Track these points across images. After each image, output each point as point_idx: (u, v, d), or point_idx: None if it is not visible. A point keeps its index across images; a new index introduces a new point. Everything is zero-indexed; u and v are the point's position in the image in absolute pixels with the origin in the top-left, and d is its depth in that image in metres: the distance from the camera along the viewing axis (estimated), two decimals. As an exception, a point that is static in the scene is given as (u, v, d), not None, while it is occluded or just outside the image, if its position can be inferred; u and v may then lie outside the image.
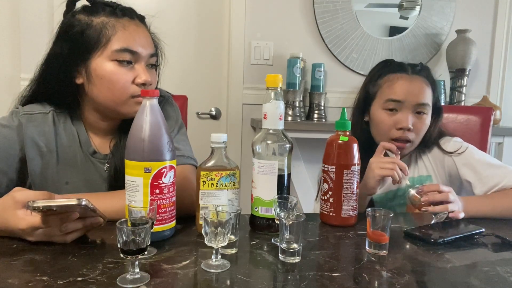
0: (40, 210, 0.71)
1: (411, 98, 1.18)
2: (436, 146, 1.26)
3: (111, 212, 0.84)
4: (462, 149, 1.21)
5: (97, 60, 0.95)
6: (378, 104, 1.23)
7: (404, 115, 1.18)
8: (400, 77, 1.21)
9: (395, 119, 1.19)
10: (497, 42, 2.47)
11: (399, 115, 1.19)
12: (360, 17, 2.37)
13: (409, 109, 1.19)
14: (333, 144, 0.96)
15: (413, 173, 1.27)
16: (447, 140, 1.26)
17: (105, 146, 1.06)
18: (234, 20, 2.28)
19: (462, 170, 1.20)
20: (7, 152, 0.97)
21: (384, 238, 0.78)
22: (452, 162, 1.22)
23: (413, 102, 1.18)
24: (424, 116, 1.20)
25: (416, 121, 1.19)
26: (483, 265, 0.76)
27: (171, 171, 0.79)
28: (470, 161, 1.19)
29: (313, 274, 0.68)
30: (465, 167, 1.19)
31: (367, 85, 1.28)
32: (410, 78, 1.21)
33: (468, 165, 1.19)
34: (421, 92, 1.19)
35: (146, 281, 0.63)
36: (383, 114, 1.21)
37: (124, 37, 0.95)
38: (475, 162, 1.18)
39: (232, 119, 2.35)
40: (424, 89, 1.20)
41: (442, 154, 1.24)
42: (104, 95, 0.96)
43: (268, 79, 0.87)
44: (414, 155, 1.29)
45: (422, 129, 1.21)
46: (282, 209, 0.82)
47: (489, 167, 1.16)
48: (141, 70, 0.97)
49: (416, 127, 1.19)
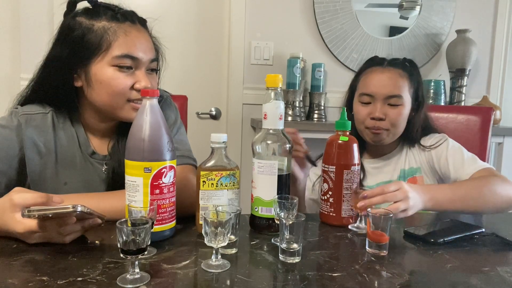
0: (36, 217, 0.71)
1: (380, 90, 1.23)
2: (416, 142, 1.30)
3: (111, 212, 0.84)
4: (439, 143, 1.26)
5: (97, 65, 0.94)
6: (356, 97, 1.30)
7: (375, 107, 1.24)
8: (374, 71, 1.27)
9: (368, 109, 1.25)
10: (497, 42, 2.46)
11: (371, 106, 1.25)
12: (360, 17, 2.37)
13: (380, 101, 1.23)
14: (333, 144, 0.96)
15: (404, 165, 1.30)
16: (431, 137, 1.30)
17: (104, 147, 1.06)
18: (234, 20, 2.28)
19: (439, 163, 1.24)
20: (7, 153, 0.97)
21: (384, 238, 0.78)
22: (431, 157, 1.27)
23: (383, 95, 1.23)
24: (399, 107, 1.23)
25: (390, 111, 1.23)
26: (483, 265, 0.76)
27: (171, 171, 0.79)
28: (444, 154, 1.23)
29: (313, 274, 0.68)
30: (441, 160, 1.23)
31: (353, 81, 1.35)
32: (383, 70, 1.26)
33: (443, 158, 1.23)
34: (392, 84, 1.23)
35: (146, 281, 0.63)
36: (359, 106, 1.28)
37: (125, 43, 0.94)
38: (449, 155, 1.22)
39: (232, 119, 2.34)
40: (395, 81, 1.24)
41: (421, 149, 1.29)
42: (102, 99, 0.96)
43: (268, 79, 0.87)
44: (405, 149, 1.32)
45: (397, 119, 1.23)
46: (282, 209, 0.82)
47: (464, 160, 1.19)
48: (141, 76, 0.96)
49: (390, 117, 1.23)
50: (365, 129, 1.26)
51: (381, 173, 1.31)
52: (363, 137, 1.29)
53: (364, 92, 1.26)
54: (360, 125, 1.28)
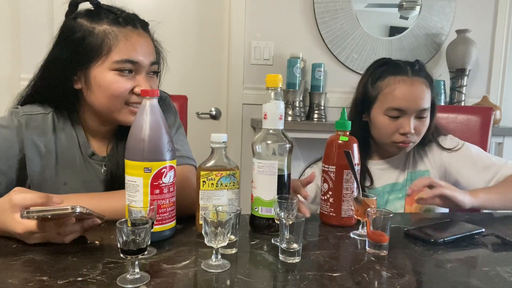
0: (35, 218, 0.71)
1: (413, 106, 1.18)
2: (435, 143, 1.30)
3: (111, 212, 0.84)
4: (459, 145, 1.27)
5: (97, 69, 0.94)
6: (379, 109, 1.21)
7: (407, 121, 1.18)
8: (401, 81, 1.19)
9: (397, 124, 1.19)
10: (497, 42, 2.46)
11: (401, 120, 1.19)
12: (360, 17, 2.37)
13: (411, 115, 1.19)
14: (333, 144, 0.96)
15: (412, 168, 1.29)
16: (444, 138, 1.31)
17: (104, 148, 1.06)
18: (234, 20, 2.28)
19: (460, 165, 1.24)
20: (7, 153, 0.97)
21: (384, 238, 0.78)
22: (450, 159, 1.26)
23: (415, 109, 1.18)
24: (425, 119, 1.22)
25: (418, 124, 1.20)
26: (483, 265, 0.76)
27: (171, 171, 0.79)
28: (467, 156, 1.25)
29: (313, 274, 0.68)
30: (463, 162, 1.24)
31: (366, 86, 1.26)
32: (411, 81, 1.19)
33: (466, 160, 1.24)
34: (422, 97, 1.19)
35: (146, 281, 0.63)
36: (385, 119, 1.20)
37: (125, 48, 0.94)
38: (473, 156, 1.24)
39: (232, 119, 2.34)
40: (424, 93, 1.20)
41: (440, 151, 1.28)
42: (101, 102, 0.96)
43: (268, 79, 0.87)
44: (412, 150, 1.30)
45: (422, 131, 1.23)
46: (282, 209, 0.82)
47: (486, 158, 1.24)
48: (141, 80, 0.96)
49: (418, 130, 1.20)
50: (391, 143, 1.22)
51: (386, 174, 1.29)
52: (385, 148, 1.26)
53: (394, 107, 1.18)
54: (385, 139, 1.23)
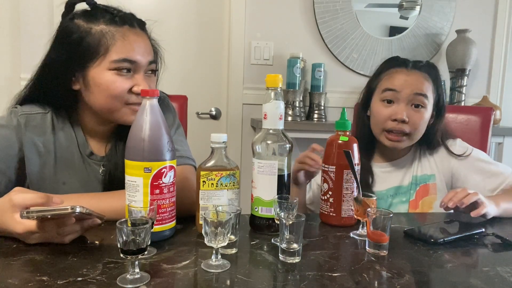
0: (34, 218, 0.71)
1: (407, 89, 1.18)
2: (444, 147, 1.27)
3: (110, 212, 0.84)
4: (468, 151, 1.25)
5: (95, 69, 0.94)
6: (377, 96, 1.24)
7: (400, 107, 1.19)
8: (399, 71, 1.22)
9: (390, 110, 1.20)
10: (497, 42, 2.46)
11: (394, 106, 1.20)
12: (360, 17, 2.37)
13: (405, 100, 1.19)
14: (333, 144, 0.96)
15: (417, 171, 1.27)
16: (453, 142, 1.28)
17: (102, 148, 1.06)
18: (234, 20, 2.28)
19: (469, 172, 1.23)
20: (6, 152, 0.97)
21: (384, 238, 0.78)
22: (458, 164, 1.24)
23: (409, 92, 1.18)
24: (421, 110, 1.19)
25: (413, 113, 1.19)
26: (483, 265, 0.76)
27: (171, 171, 0.79)
28: (476, 163, 1.24)
29: (313, 274, 0.68)
30: (471, 168, 1.23)
31: (370, 81, 1.30)
32: (408, 72, 1.22)
33: (474, 167, 1.23)
34: (419, 83, 1.20)
35: (146, 281, 0.63)
36: (380, 105, 1.22)
37: (123, 47, 0.93)
38: (481, 163, 1.24)
39: (232, 119, 2.34)
40: (422, 82, 1.20)
41: (448, 156, 1.26)
42: (100, 102, 0.96)
43: (268, 79, 0.87)
44: (418, 153, 1.29)
45: (419, 123, 1.20)
46: (282, 209, 0.82)
47: (494, 166, 1.23)
48: (139, 80, 0.96)
49: (413, 120, 1.18)
50: (383, 132, 1.21)
51: (390, 177, 1.27)
52: (380, 141, 1.24)
53: (388, 87, 1.20)
54: (378, 127, 1.22)
